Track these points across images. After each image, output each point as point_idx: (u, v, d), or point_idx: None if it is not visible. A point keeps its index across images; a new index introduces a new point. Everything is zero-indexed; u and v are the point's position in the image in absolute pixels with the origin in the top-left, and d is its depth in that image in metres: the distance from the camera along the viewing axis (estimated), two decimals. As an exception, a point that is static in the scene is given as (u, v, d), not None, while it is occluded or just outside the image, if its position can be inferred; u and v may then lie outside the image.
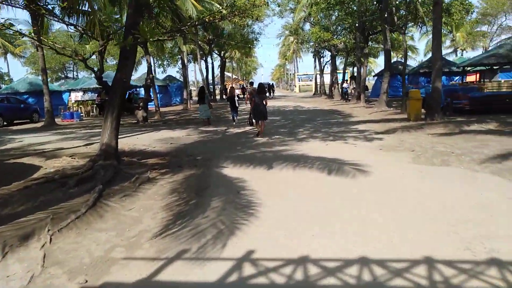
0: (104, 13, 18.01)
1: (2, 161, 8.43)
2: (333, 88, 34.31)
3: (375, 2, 20.34)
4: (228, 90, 20.28)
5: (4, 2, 14.03)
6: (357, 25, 22.52)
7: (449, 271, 3.03)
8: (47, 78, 17.72)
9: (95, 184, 5.83)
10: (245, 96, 17.79)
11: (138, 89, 27.10)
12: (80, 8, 8.93)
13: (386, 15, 18.36)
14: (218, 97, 42.00)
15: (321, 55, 37.23)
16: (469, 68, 24.56)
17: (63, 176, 6.40)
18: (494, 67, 18.98)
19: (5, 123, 18.97)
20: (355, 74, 31.97)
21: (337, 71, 32.64)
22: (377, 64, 54.45)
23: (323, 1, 22.91)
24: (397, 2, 19.22)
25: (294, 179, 6.21)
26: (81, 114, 23.47)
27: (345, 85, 28.07)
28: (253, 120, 12.29)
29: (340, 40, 27.41)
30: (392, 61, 24.37)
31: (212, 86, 37.73)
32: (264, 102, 11.22)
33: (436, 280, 2.92)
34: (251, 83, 18.73)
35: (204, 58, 36.42)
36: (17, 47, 37.61)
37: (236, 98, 15.24)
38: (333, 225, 4.11)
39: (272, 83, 58.23)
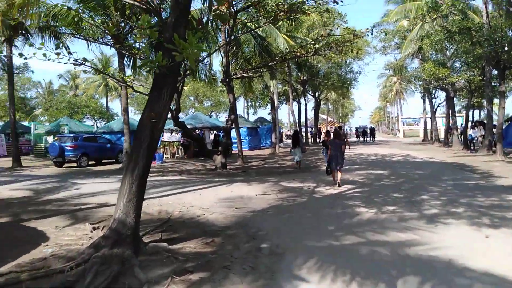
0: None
1: (11, 224, 6.50)
2: (449, 135, 28.62)
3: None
4: (323, 133, 17.17)
5: (95, 41, 13.60)
6: (488, 56, 17.71)
7: None
8: (128, 118, 16.91)
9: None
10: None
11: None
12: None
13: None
14: (310, 140, 39.01)
15: (433, 95, 31.95)
16: None
17: (34, 276, 3.88)
18: None
19: (90, 162, 18.64)
20: (480, 118, 26.16)
21: (456, 115, 27.13)
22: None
23: (440, 32, 18.86)
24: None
25: None
26: (166, 156, 22.57)
27: (471, 131, 22.51)
28: (329, 169, 10.70)
29: (460, 76, 22.49)
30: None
31: (304, 129, 35.01)
32: (342, 149, 10.52)
33: None
34: (340, 128, 15.75)
35: (297, 99, 34.20)
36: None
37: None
38: None
39: (373, 127, 53.26)
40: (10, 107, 19.11)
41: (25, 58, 5.71)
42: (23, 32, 18.17)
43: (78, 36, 11.39)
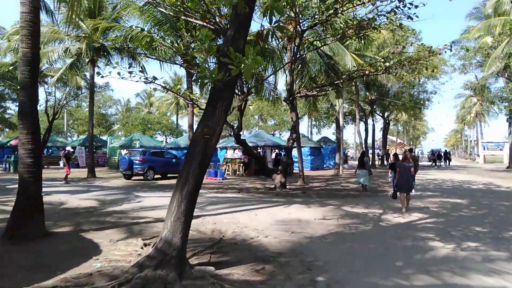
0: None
1: (71, 233, 6.70)
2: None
3: None
4: (391, 156, 16.02)
5: (166, 61, 14.29)
6: None
7: None
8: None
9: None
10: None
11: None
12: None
13: None
14: (377, 163, 36.96)
15: (522, 117, 28.56)
16: None
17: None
18: None
19: (156, 176, 19.41)
20: None
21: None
22: None
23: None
24: None
25: None
26: (228, 172, 22.77)
27: None
28: (397, 193, 10.20)
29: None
30: None
31: (372, 151, 33.31)
32: (411, 172, 9.97)
33: None
34: (410, 150, 14.73)
35: (364, 120, 32.79)
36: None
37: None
38: None
39: (448, 151, 49.16)
40: (89, 122, 20.77)
41: (102, 77, 6.02)
42: (105, 53, 19.83)
43: (151, 56, 12.03)
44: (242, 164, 22.64)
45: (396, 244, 6.36)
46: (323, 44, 16.21)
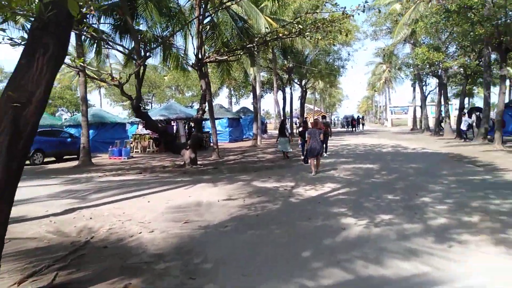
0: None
1: None
2: (441, 123, 27.30)
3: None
4: (309, 123, 15.52)
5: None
6: (489, 38, 16.09)
7: None
8: (86, 108, 14.89)
9: None
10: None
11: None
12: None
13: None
14: (296, 131, 37.32)
15: (425, 82, 30.51)
16: None
17: None
18: None
19: (48, 159, 16.66)
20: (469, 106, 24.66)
21: (448, 102, 25.71)
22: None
23: (436, 14, 17.17)
24: None
25: None
26: (136, 150, 20.64)
27: (467, 119, 20.94)
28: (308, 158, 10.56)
29: (456, 61, 20.97)
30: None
31: (290, 119, 33.26)
32: (321, 138, 10.34)
33: None
34: (324, 117, 15.35)
35: (282, 88, 32.38)
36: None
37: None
38: None
39: (362, 116, 51.92)
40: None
41: None
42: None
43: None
44: (152, 140, 20.63)
45: (304, 226, 5.45)
46: (233, 1, 14.67)
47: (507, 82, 24.56)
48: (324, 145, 15.05)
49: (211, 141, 20.88)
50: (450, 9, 15.60)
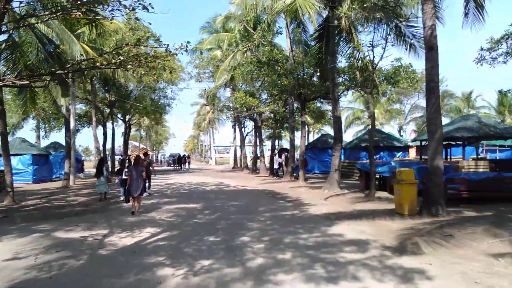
0: None
1: None
2: (258, 162, 30.14)
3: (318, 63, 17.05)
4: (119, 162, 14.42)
5: None
6: (291, 89, 18.93)
7: None
8: None
9: None
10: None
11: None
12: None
13: (333, 78, 14.99)
14: (117, 169, 34.63)
15: (243, 125, 33.45)
16: (412, 143, 22.49)
17: None
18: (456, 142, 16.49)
19: None
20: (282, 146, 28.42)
21: (263, 143, 28.75)
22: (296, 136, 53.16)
23: (250, 63, 19.20)
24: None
25: None
26: None
27: (278, 158, 23.64)
28: (129, 197, 9.92)
29: (268, 107, 23.77)
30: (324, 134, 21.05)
31: (112, 157, 30.64)
32: (144, 176, 10.17)
33: None
34: (145, 154, 15.94)
35: (103, 123, 29.77)
36: None
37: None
38: None
39: (188, 155, 52.76)
40: None
41: None
42: None
43: None
44: None
45: (113, 285, 4.53)
46: (38, 21, 12.62)
47: (306, 128, 29.17)
48: (147, 184, 14.17)
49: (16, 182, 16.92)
50: (262, 60, 17.72)
